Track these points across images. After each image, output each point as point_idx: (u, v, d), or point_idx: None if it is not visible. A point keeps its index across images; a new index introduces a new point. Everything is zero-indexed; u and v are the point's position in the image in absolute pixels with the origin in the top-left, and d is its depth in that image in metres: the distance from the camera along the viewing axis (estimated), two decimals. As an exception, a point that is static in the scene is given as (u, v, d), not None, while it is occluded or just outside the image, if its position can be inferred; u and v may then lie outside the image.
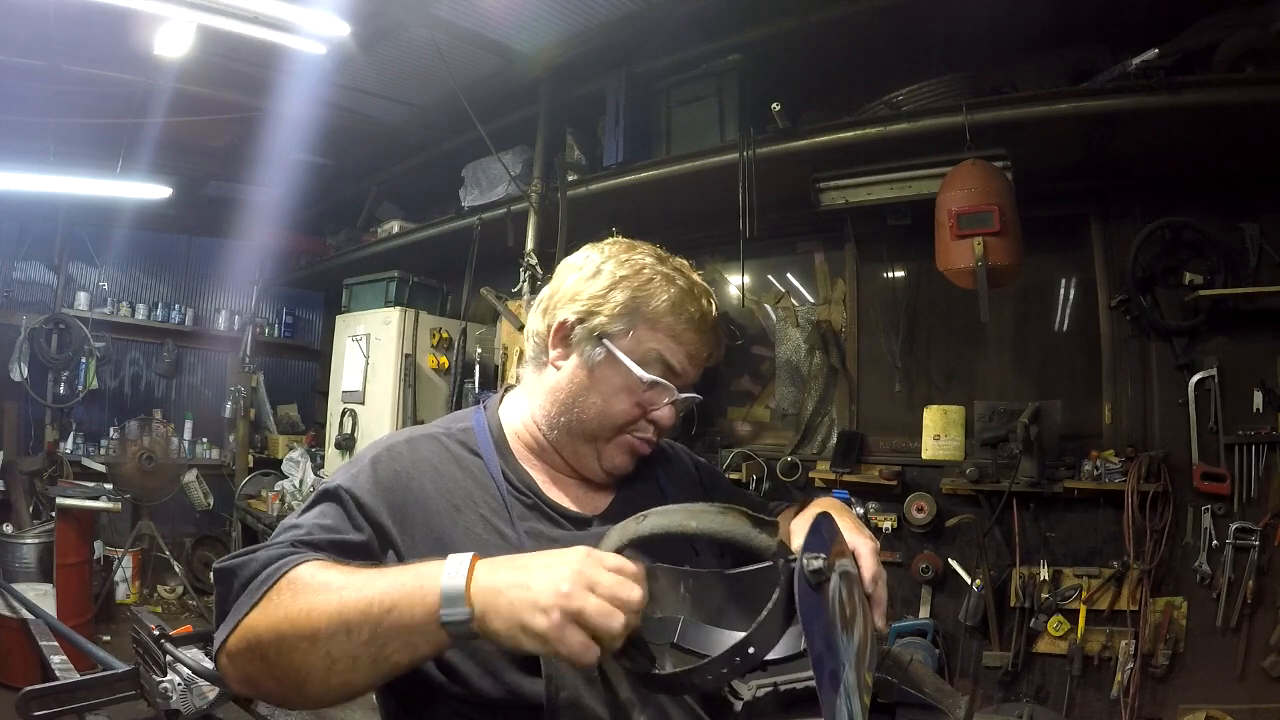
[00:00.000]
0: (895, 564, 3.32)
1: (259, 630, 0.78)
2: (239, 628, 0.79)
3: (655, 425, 1.03)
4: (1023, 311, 3.39)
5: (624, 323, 0.99)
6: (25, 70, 3.81)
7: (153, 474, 5.41)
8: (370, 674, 0.74)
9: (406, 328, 4.67)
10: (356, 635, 0.72)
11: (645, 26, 3.37)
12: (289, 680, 0.77)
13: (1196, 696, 2.78)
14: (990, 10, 2.88)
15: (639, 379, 0.99)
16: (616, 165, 3.64)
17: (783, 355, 3.95)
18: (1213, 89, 2.47)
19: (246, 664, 0.79)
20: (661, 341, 1.00)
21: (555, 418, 1.03)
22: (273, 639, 0.76)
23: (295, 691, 0.78)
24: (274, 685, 0.79)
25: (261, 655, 0.77)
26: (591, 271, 1.03)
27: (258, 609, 0.79)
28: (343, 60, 3.60)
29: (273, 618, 0.77)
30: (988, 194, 2.63)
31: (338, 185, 5.65)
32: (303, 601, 0.76)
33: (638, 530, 0.77)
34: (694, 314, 1.01)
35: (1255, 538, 2.74)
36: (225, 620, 0.82)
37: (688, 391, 1.04)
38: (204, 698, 1.98)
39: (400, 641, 0.72)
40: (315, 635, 0.74)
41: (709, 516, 0.76)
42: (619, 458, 1.04)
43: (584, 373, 1.01)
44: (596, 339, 1.00)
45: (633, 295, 1.00)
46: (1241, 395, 2.85)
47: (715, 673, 0.70)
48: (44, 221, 5.52)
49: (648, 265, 1.02)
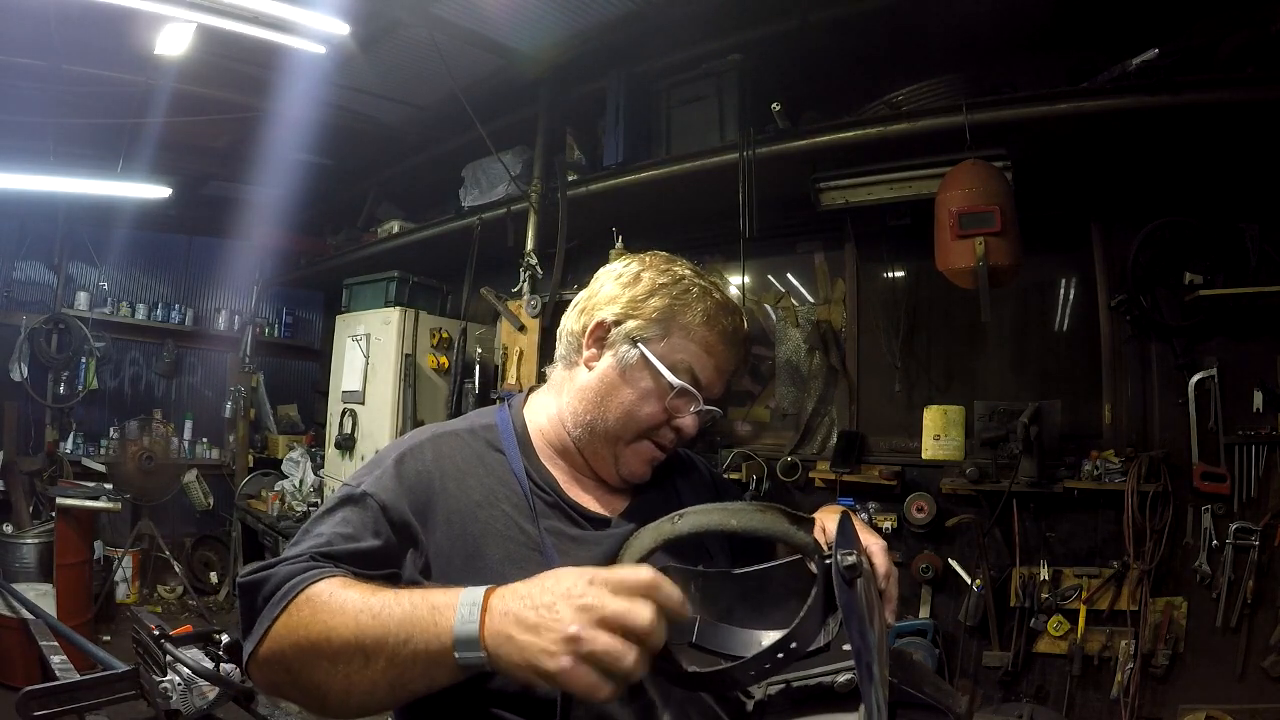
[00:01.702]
0: (895, 564, 3.30)
1: (282, 644, 0.79)
2: (265, 639, 0.81)
3: (678, 433, 1.06)
4: (1023, 311, 3.39)
5: (659, 328, 1.03)
6: (26, 70, 3.81)
7: (153, 474, 5.41)
8: (389, 698, 0.76)
9: (406, 328, 4.67)
10: (374, 663, 0.74)
11: (645, 26, 3.37)
12: (311, 694, 0.80)
13: (1196, 696, 2.78)
14: (990, 10, 2.88)
15: (668, 383, 1.01)
16: (616, 165, 3.64)
17: (783, 355, 3.95)
18: (1213, 89, 2.47)
19: (273, 674, 0.82)
20: (693, 352, 1.03)
21: (581, 415, 1.05)
22: (294, 654, 0.78)
23: (318, 705, 0.81)
24: (299, 696, 0.82)
25: (286, 668, 0.80)
26: (631, 277, 1.06)
27: (279, 623, 0.80)
28: (343, 60, 3.60)
29: (295, 634, 0.78)
30: (988, 194, 2.63)
31: (338, 185, 5.66)
32: (320, 622, 0.77)
33: (674, 531, 0.77)
34: (727, 327, 1.05)
35: (1255, 538, 2.74)
36: (250, 633, 0.84)
37: (711, 404, 1.06)
38: (204, 698, 1.98)
39: (418, 671, 0.73)
40: (335, 657, 0.75)
41: (749, 514, 0.76)
42: (636, 465, 1.06)
43: (616, 373, 1.03)
44: (631, 341, 1.03)
45: (670, 303, 1.03)
46: (1241, 395, 2.85)
47: (758, 668, 0.70)
48: (44, 221, 5.52)
49: (687, 276, 1.06)
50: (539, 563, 0.92)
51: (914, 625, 3.22)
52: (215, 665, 2.02)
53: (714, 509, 0.78)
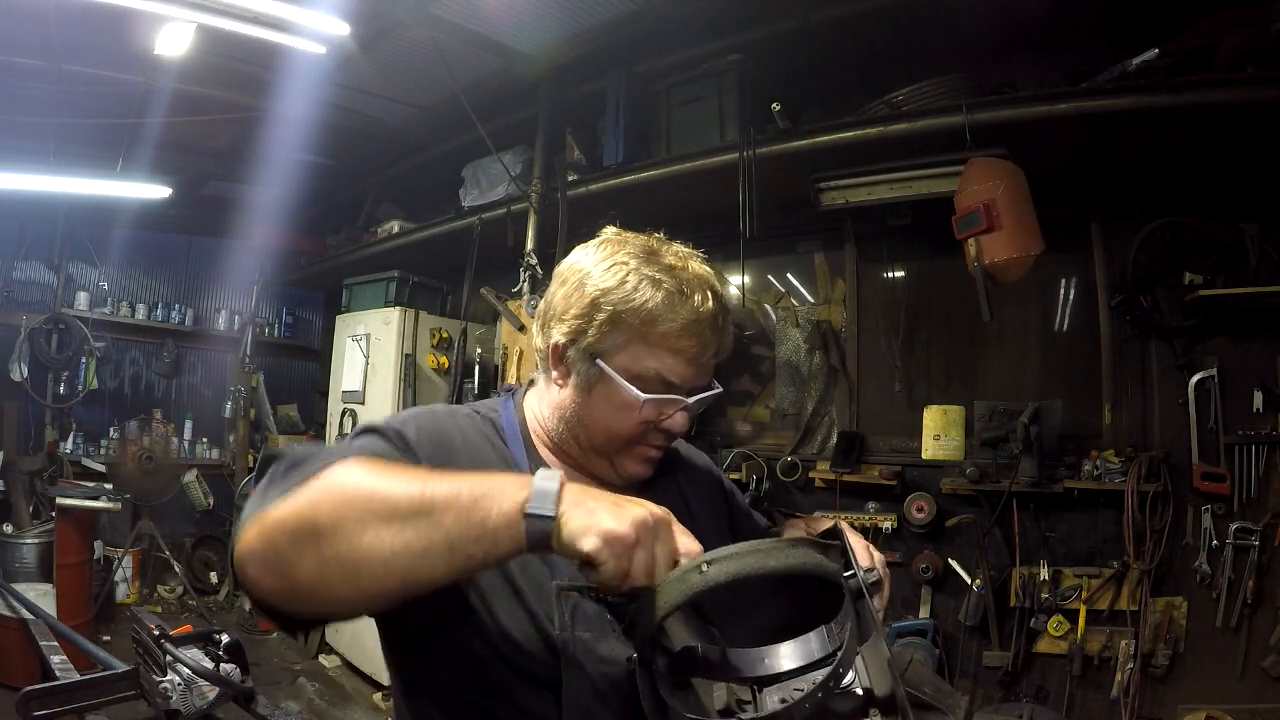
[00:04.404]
0: (895, 564, 3.32)
1: (318, 505, 0.71)
2: (289, 500, 0.72)
3: (668, 433, 1.01)
4: (1023, 311, 3.39)
5: (615, 338, 0.95)
6: (26, 70, 3.81)
7: (153, 474, 5.42)
8: (439, 565, 0.70)
9: (406, 328, 4.67)
10: (440, 518, 0.69)
11: (645, 26, 3.37)
12: (336, 566, 0.69)
13: (1196, 696, 2.78)
14: (990, 10, 2.88)
15: (637, 398, 0.95)
16: (616, 165, 3.64)
17: (783, 355, 3.95)
18: (1213, 89, 2.47)
19: (286, 544, 0.71)
20: (658, 357, 0.95)
21: (564, 432, 1.02)
22: (333, 515, 0.70)
23: (339, 580, 0.70)
24: (308, 574, 0.70)
25: (313, 533, 0.70)
26: (575, 284, 0.98)
27: (319, 483, 0.73)
28: (343, 60, 3.61)
29: (339, 494, 0.72)
30: (978, 192, 2.64)
31: (338, 185, 5.66)
32: (378, 480, 0.72)
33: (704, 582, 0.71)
34: (687, 317, 0.94)
35: (1255, 538, 2.74)
36: (266, 494, 0.75)
37: (701, 391, 1.01)
38: (204, 698, 1.98)
39: (484, 531, 0.69)
40: (391, 514, 0.69)
41: (783, 553, 0.73)
42: (634, 466, 1.03)
43: (585, 393, 0.98)
44: (590, 359, 0.96)
45: (615, 310, 0.94)
46: (1241, 395, 2.85)
47: (813, 701, 0.70)
48: (44, 221, 5.52)
49: (631, 270, 0.95)
50: (539, 562, 0.91)
51: (914, 625, 3.22)
52: (215, 665, 2.02)
53: (745, 553, 0.72)
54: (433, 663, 0.91)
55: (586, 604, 0.87)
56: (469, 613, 0.88)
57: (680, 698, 0.75)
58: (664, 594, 0.71)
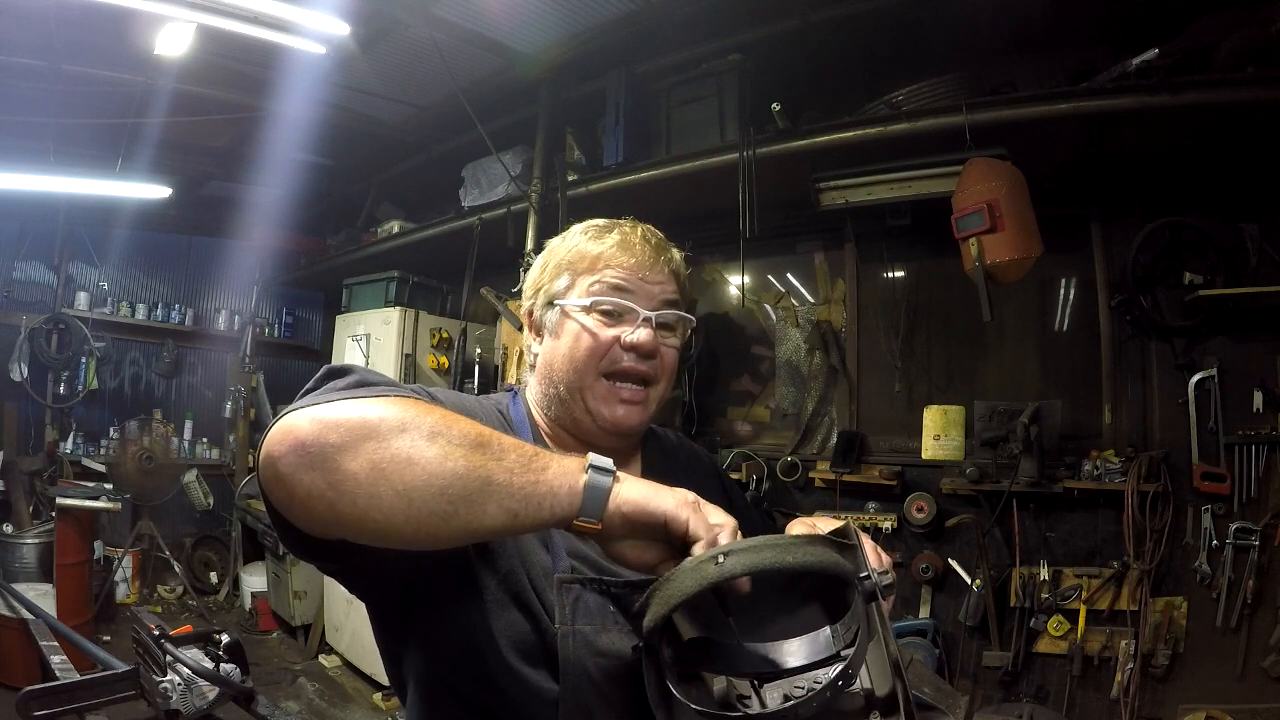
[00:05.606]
0: (895, 564, 3.31)
1: (385, 410, 0.70)
2: (352, 402, 0.71)
3: (635, 350, 1.01)
4: (1023, 311, 3.39)
5: (564, 281, 1.04)
6: (26, 70, 3.82)
7: (153, 474, 5.42)
8: (489, 505, 0.69)
9: (406, 328, 4.67)
10: (503, 455, 0.71)
11: (645, 26, 3.37)
12: (392, 468, 0.67)
13: (1196, 696, 2.78)
14: (990, 10, 2.89)
15: (587, 308, 1.02)
16: (616, 165, 3.64)
17: (783, 355, 3.95)
18: (1213, 89, 2.47)
19: (340, 438, 0.68)
20: (600, 274, 1.02)
21: (545, 391, 1.06)
22: (400, 420, 0.69)
23: (386, 487, 0.67)
24: (354, 473, 0.67)
25: (374, 432, 0.68)
26: (539, 266, 1.11)
27: (388, 396, 0.73)
28: (343, 60, 3.61)
29: (410, 405, 0.72)
30: (978, 192, 2.64)
31: (338, 185, 5.66)
32: (445, 410, 0.74)
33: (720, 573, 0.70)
34: (616, 239, 1.04)
35: (1255, 538, 2.74)
36: (321, 396, 0.74)
37: (664, 310, 1.03)
38: (204, 698, 1.98)
39: (542, 478, 0.72)
40: (460, 438, 0.70)
41: (800, 549, 0.72)
42: (609, 409, 1.01)
43: (553, 339, 1.05)
44: (550, 305, 1.06)
45: (560, 259, 1.06)
46: (1241, 395, 2.85)
47: (820, 700, 0.70)
48: (44, 221, 5.52)
49: (577, 232, 1.09)
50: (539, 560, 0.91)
51: (914, 625, 3.22)
52: (215, 665, 2.02)
53: (764, 547, 0.71)
54: (429, 655, 0.91)
55: (589, 596, 0.87)
56: (467, 602, 0.88)
57: (685, 689, 0.74)
58: (678, 583, 0.71)
